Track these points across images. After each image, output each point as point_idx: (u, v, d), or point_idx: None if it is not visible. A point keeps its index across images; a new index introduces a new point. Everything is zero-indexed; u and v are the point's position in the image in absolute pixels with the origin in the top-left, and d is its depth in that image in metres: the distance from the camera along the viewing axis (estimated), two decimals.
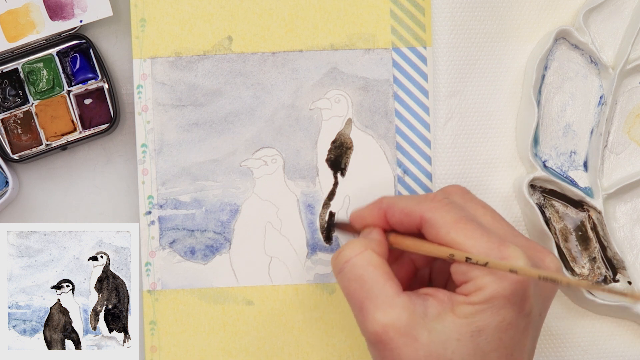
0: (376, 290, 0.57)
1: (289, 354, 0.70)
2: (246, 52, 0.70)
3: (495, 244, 0.56)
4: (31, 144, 0.70)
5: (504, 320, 0.56)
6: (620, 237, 0.71)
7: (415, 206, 0.59)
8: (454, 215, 0.58)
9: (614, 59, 0.70)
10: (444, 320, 0.56)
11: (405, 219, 0.60)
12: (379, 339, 0.56)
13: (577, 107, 0.71)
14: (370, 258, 0.58)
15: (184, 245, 0.70)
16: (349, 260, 0.59)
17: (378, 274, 0.58)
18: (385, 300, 0.57)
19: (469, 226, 0.57)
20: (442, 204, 0.59)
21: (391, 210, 0.61)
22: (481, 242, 0.56)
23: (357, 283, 0.58)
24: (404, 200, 0.60)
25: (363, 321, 0.57)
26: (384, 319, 0.56)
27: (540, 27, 0.71)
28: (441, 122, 0.69)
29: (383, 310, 0.56)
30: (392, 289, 0.57)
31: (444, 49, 0.69)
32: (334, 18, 0.70)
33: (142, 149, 0.70)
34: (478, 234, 0.57)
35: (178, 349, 0.69)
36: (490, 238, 0.57)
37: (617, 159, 0.71)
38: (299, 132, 0.70)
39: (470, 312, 0.56)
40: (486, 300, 0.56)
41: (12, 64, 0.70)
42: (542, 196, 0.70)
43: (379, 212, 0.61)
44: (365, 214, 0.62)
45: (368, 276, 0.58)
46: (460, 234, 0.57)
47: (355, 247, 0.59)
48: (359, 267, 0.58)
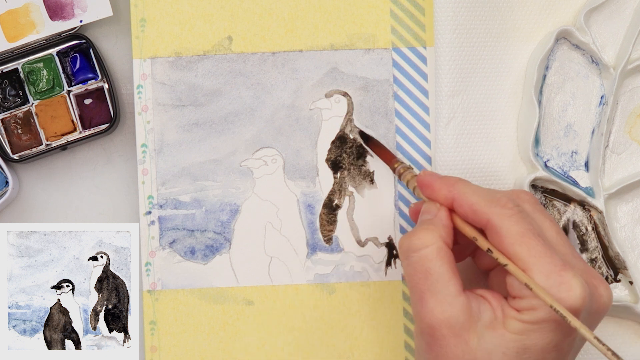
0: (440, 285, 0.57)
1: (289, 354, 0.70)
2: (246, 52, 0.70)
3: (557, 266, 0.56)
4: (31, 144, 0.70)
5: (550, 342, 0.56)
6: (621, 237, 0.70)
7: (484, 207, 0.58)
8: (521, 228, 0.57)
9: (615, 59, 0.70)
10: (494, 330, 0.56)
11: (472, 216, 0.59)
12: (432, 332, 0.57)
13: (578, 107, 0.71)
14: (440, 250, 0.58)
15: (184, 245, 0.70)
16: (419, 250, 0.58)
17: (445, 270, 0.58)
18: (446, 298, 0.57)
19: (534, 242, 0.57)
20: (513, 212, 0.58)
21: (459, 201, 0.60)
22: (543, 261, 0.56)
23: (422, 274, 0.58)
24: (474, 196, 0.59)
25: (420, 311, 0.58)
26: (441, 315, 0.57)
27: (541, 27, 0.71)
28: (443, 121, 0.69)
29: (442, 307, 0.57)
30: (454, 287, 0.57)
31: (446, 48, 0.69)
32: (334, 18, 0.70)
33: (142, 149, 0.70)
34: (542, 251, 0.56)
35: (178, 349, 0.69)
36: (553, 259, 0.56)
37: (618, 159, 0.71)
38: (299, 132, 0.70)
39: (520, 330, 0.56)
40: (537, 321, 0.56)
41: (12, 64, 0.70)
42: (543, 196, 0.70)
43: (448, 194, 0.60)
44: (435, 186, 0.61)
45: (435, 270, 0.58)
46: (524, 249, 0.56)
47: (427, 237, 0.58)
48: (428, 259, 0.58)
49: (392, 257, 0.70)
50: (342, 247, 0.70)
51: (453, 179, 0.61)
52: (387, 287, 0.70)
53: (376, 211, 0.70)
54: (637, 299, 0.69)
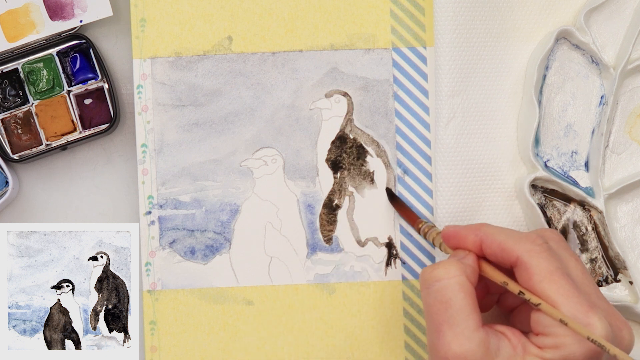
0: (459, 318, 0.57)
1: (289, 354, 0.70)
2: (246, 52, 0.70)
3: (585, 307, 0.56)
4: (31, 144, 0.70)
5: None
6: (621, 237, 0.70)
7: (513, 245, 0.58)
8: (550, 265, 0.57)
9: (615, 59, 0.70)
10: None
11: (500, 254, 0.59)
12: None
13: (578, 107, 0.71)
14: (463, 283, 0.58)
15: (184, 245, 0.70)
16: (441, 280, 0.58)
17: (465, 303, 0.57)
18: (465, 332, 0.56)
19: (563, 281, 0.57)
20: (542, 248, 0.58)
21: (488, 241, 0.60)
22: (571, 301, 0.56)
23: (442, 305, 0.57)
24: (502, 235, 0.59)
25: (436, 343, 0.57)
26: (459, 349, 0.56)
27: (541, 27, 0.71)
28: (443, 121, 0.69)
29: (459, 341, 0.56)
30: (474, 322, 0.57)
31: (446, 48, 0.69)
32: (334, 18, 0.70)
33: (142, 149, 0.70)
34: (570, 291, 0.56)
35: (178, 349, 0.69)
36: (580, 299, 0.56)
37: (618, 159, 0.71)
38: (299, 132, 0.70)
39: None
40: (560, 359, 0.56)
41: (12, 64, 0.70)
42: (543, 196, 0.70)
43: (475, 239, 0.60)
44: (461, 234, 0.61)
45: (455, 302, 0.57)
46: (553, 287, 0.56)
47: (451, 269, 0.58)
48: (449, 290, 0.57)
49: (392, 257, 0.70)
50: (342, 247, 0.70)
51: (477, 224, 0.61)
52: (387, 287, 0.70)
53: (376, 211, 0.70)
54: (637, 299, 0.69)
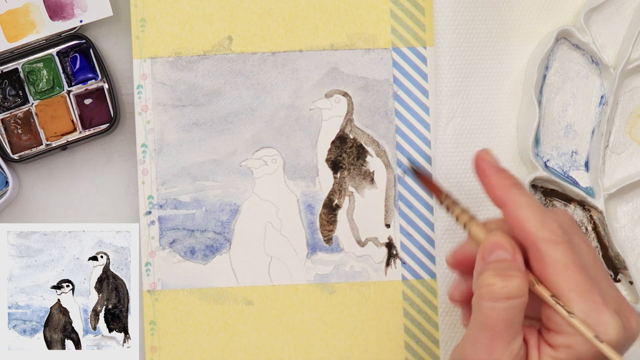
0: (513, 337, 0.56)
1: (289, 354, 0.70)
2: (246, 52, 0.70)
3: (597, 304, 0.55)
4: (31, 144, 0.70)
5: None
6: (621, 237, 0.70)
7: (534, 229, 0.56)
8: (567, 259, 0.56)
9: (615, 59, 0.70)
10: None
11: (519, 231, 0.58)
12: None
13: (578, 107, 0.71)
14: (524, 304, 0.57)
15: (184, 245, 0.70)
16: (512, 299, 0.56)
17: (520, 323, 0.57)
18: (513, 352, 0.56)
19: (577, 276, 0.56)
20: (561, 239, 0.57)
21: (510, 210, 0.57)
22: (584, 298, 0.55)
23: (504, 322, 0.56)
24: (527, 211, 0.57)
25: (483, 357, 0.56)
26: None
27: (541, 27, 0.71)
28: (443, 121, 0.69)
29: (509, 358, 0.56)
30: (520, 339, 0.56)
31: (446, 48, 0.69)
32: (334, 18, 0.70)
33: (142, 149, 0.70)
34: (584, 288, 0.56)
35: (178, 349, 0.69)
36: (593, 295, 0.55)
37: (618, 159, 0.71)
38: (299, 132, 0.70)
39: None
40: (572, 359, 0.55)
41: (12, 64, 0.70)
42: (543, 196, 0.70)
43: (501, 196, 0.58)
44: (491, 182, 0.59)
45: (516, 321, 0.56)
46: (566, 282, 0.56)
47: (523, 287, 0.56)
48: (515, 309, 0.56)
49: (392, 257, 0.70)
50: (342, 247, 0.70)
51: (509, 181, 0.59)
52: (387, 287, 0.70)
53: (376, 211, 0.70)
54: (637, 299, 0.69)
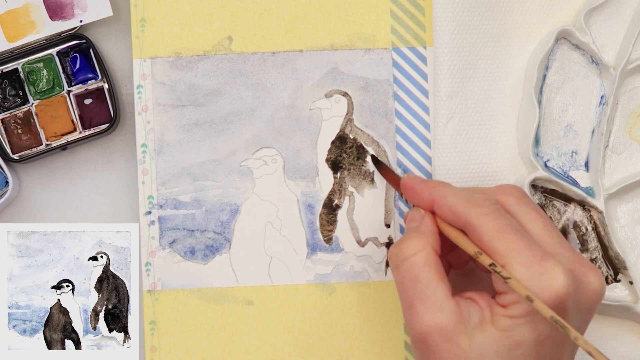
0: (428, 291, 0.57)
1: (289, 354, 0.70)
2: (246, 52, 0.70)
3: (537, 256, 0.56)
4: (31, 144, 0.70)
5: (541, 334, 0.56)
6: (621, 237, 0.70)
7: (462, 207, 0.59)
8: (498, 224, 0.57)
9: (615, 59, 0.70)
10: (484, 331, 0.56)
11: (451, 217, 0.60)
12: (423, 339, 0.57)
13: (578, 107, 0.71)
14: (428, 257, 0.58)
15: (184, 245, 0.70)
16: (407, 258, 0.58)
17: (432, 275, 0.58)
18: (435, 303, 0.57)
19: (512, 236, 0.57)
20: (489, 210, 0.58)
21: (439, 203, 0.60)
22: (522, 254, 0.56)
23: (411, 282, 0.58)
24: (453, 197, 0.60)
25: (410, 319, 0.58)
26: (432, 321, 0.56)
27: (541, 27, 0.71)
28: (442, 122, 0.69)
29: (432, 313, 0.57)
30: (443, 292, 0.57)
31: (445, 49, 0.69)
32: (334, 18, 0.70)
33: (142, 149, 0.70)
34: (520, 244, 0.56)
35: (178, 349, 0.69)
36: (532, 250, 0.56)
37: (618, 159, 0.71)
38: (299, 132, 0.70)
39: (509, 326, 0.56)
40: (524, 314, 0.56)
41: (12, 64, 0.70)
42: (543, 196, 0.70)
43: (428, 198, 0.61)
44: (416, 189, 0.62)
45: (423, 276, 0.58)
46: (503, 244, 0.57)
47: (415, 244, 0.59)
48: (415, 266, 0.58)
49: None
50: (342, 247, 0.70)
51: (434, 182, 0.62)
52: (387, 287, 0.70)
53: (376, 211, 0.70)
54: (637, 299, 0.69)
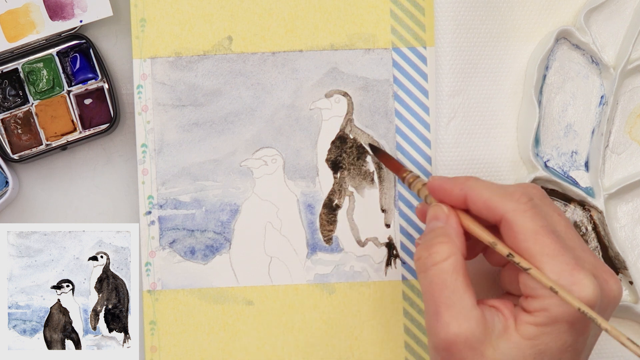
0: (455, 298, 0.57)
1: (289, 354, 0.70)
2: (246, 52, 0.70)
3: (570, 265, 0.56)
4: (31, 144, 0.70)
5: (565, 343, 0.56)
6: (621, 237, 0.70)
7: (498, 203, 0.58)
8: (535, 225, 0.57)
9: (615, 59, 0.70)
10: (508, 339, 0.56)
11: (485, 212, 0.59)
12: (447, 347, 0.56)
13: (578, 107, 0.71)
14: (457, 264, 0.58)
15: (184, 245, 0.70)
16: (437, 264, 0.58)
17: (460, 283, 0.57)
18: (462, 312, 0.56)
19: (548, 240, 0.56)
20: (527, 207, 0.58)
21: (473, 198, 0.59)
22: (557, 260, 0.56)
23: (438, 288, 0.57)
24: (488, 191, 0.59)
25: (435, 325, 0.57)
26: (458, 330, 0.56)
27: (541, 27, 0.71)
28: (444, 121, 0.69)
29: (458, 321, 0.56)
30: (470, 300, 0.57)
31: (446, 48, 0.69)
32: (334, 18, 0.70)
33: (142, 149, 0.70)
34: (555, 250, 0.56)
35: (178, 349, 0.69)
36: (565, 257, 0.56)
37: (618, 159, 0.71)
38: (299, 132, 0.70)
39: (535, 334, 0.56)
40: (550, 322, 0.56)
41: (12, 64, 0.70)
42: None
43: (460, 193, 0.60)
44: (446, 187, 0.61)
45: (451, 283, 0.57)
46: (537, 247, 0.56)
47: (445, 249, 0.58)
48: (445, 272, 0.57)
49: (392, 257, 0.70)
50: (342, 247, 0.70)
51: (463, 178, 0.61)
52: (387, 287, 0.70)
53: (376, 211, 0.70)
54: (637, 299, 0.69)
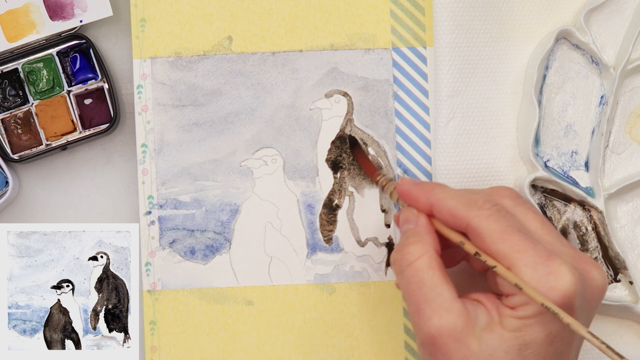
0: (434, 293, 0.57)
1: (289, 354, 0.70)
2: (246, 52, 0.70)
3: (542, 256, 0.56)
4: (31, 144, 0.70)
5: (550, 333, 0.56)
6: (621, 237, 0.70)
7: (462, 211, 0.58)
8: (500, 225, 0.57)
9: (615, 59, 0.70)
10: (492, 331, 0.56)
11: (452, 220, 0.59)
12: (432, 341, 0.57)
13: (578, 107, 0.71)
14: (431, 260, 0.58)
15: (184, 245, 0.70)
16: (411, 263, 0.58)
17: (437, 277, 0.58)
18: (442, 305, 0.57)
19: (516, 237, 0.57)
20: (491, 211, 0.58)
21: (438, 207, 0.60)
22: (527, 255, 0.56)
23: (416, 286, 0.58)
24: (452, 200, 0.59)
25: (418, 322, 0.57)
26: (440, 322, 0.56)
27: (541, 27, 0.71)
28: (443, 121, 0.69)
29: (439, 314, 0.56)
30: (449, 293, 0.57)
31: (446, 49, 0.69)
32: (334, 18, 0.70)
33: (142, 149, 0.70)
34: (525, 245, 0.56)
35: (178, 349, 0.69)
36: (537, 250, 0.56)
37: (618, 159, 0.71)
38: (299, 132, 0.70)
39: (518, 326, 0.56)
40: (534, 315, 0.56)
41: (12, 64, 0.70)
42: (543, 196, 0.70)
43: (426, 202, 0.61)
44: (412, 194, 0.62)
45: (427, 279, 0.58)
46: (507, 245, 0.57)
47: (417, 248, 0.59)
48: (420, 270, 0.58)
49: None
50: (342, 247, 0.70)
51: (431, 185, 0.62)
52: (387, 287, 0.70)
53: (376, 211, 0.70)
54: (637, 299, 0.69)
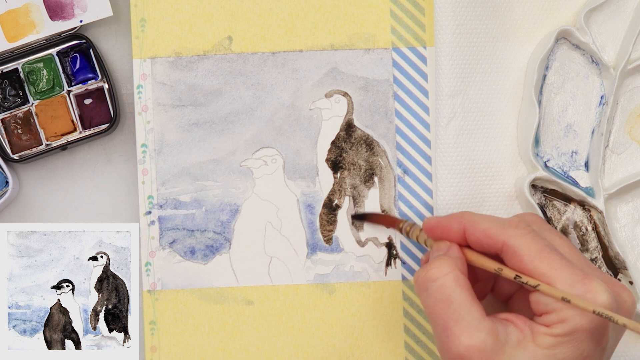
0: (463, 312, 0.57)
1: (289, 354, 0.70)
2: (246, 52, 0.70)
3: (580, 276, 0.56)
4: (31, 144, 0.70)
5: (582, 352, 0.56)
6: (621, 237, 0.70)
7: (498, 230, 0.58)
8: (538, 245, 0.57)
9: (615, 59, 0.70)
10: (525, 349, 0.56)
11: (486, 241, 0.59)
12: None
13: (578, 107, 0.71)
14: (458, 279, 0.58)
15: (184, 245, 0.70)
16: (437, 279, 0.58)
17: (465, 296, 0.57)
18: (472, 323, 0.56)
19: (553, 257, 0.57)
20: (526, 231, 0.58)
21: (472, 229, 0.60)
22: (565, 273, 0.56)
23: (443, 304, 0.57)
24: (486, 222, 0.59)
25: (446, 342, 0.57)
26: (469, 341, 0.56)
27: (541, 27, 0.71)
28: (444, 121, 0.69)
29: (469, 334, 0.56)
30: (478, 312, 0.57)
31: (446, 49, 0.69)
32: (334, 18, 0.70)
33: (142, 149, 0.70)
34: (562, 264, 0.57)
35: (178, 349, 0.69)
36: (574, 270, 0.56)
37: (618, 159, 0.71)
38: (299, 132, 0.70)
39: (552, 344, 0.56)
40: (568, 333, 0.56)
41: (12, 64, 0.70)
42: (543, 196, 0.70)
43: (459, 227, 0.61)
44: (443, 224, 0.61)
45: (455, 297, 0.57)
46: (545, 264, 0.57)
47: (443, 266, 0.58)
48: (447, 287, 0.58)
49: (392, 257, 0.70)
50: (342, 247, 0.70)
51: (459, 213, 0.62)
52: (387, 287, 0.70)
53: (376, 211, 0.70)
54: (637, 298, 0.69)
